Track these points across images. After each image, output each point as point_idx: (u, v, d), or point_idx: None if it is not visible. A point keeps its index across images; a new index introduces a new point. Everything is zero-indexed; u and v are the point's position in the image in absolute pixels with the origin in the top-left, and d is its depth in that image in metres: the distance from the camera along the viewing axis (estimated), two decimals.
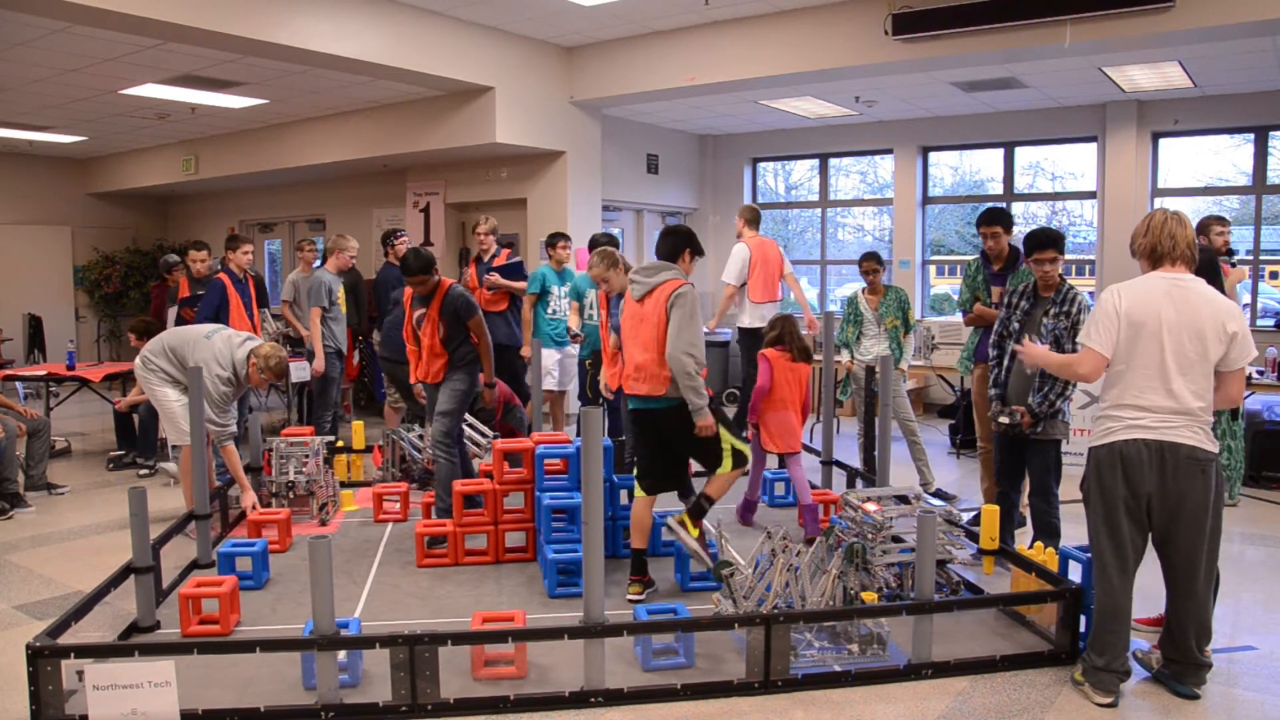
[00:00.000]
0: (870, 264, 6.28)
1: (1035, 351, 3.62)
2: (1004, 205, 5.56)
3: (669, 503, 4.64)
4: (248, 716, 3.15)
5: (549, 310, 6.97)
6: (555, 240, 7.02)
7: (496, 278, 7.15)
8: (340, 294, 7.25)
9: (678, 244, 4.27)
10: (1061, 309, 4.25)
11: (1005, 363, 4.44)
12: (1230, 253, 5.63)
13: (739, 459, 4.23)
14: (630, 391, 4.22)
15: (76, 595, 4.19)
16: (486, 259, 7.23)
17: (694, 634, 3.51)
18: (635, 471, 4.34)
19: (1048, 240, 4.26)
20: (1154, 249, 3.25)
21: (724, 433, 4.20)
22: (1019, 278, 5.03)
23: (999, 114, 9.61)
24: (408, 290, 5.22)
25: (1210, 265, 3.80)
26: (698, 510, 4.29)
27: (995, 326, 4.55)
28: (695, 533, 4.25)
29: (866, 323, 6.32)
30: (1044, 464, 4.37)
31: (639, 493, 4.28)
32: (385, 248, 7.52)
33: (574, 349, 6.88)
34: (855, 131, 10.50)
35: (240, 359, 5.19)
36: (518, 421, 6.57)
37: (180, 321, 6.76)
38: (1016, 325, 4.40)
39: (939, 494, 6.07)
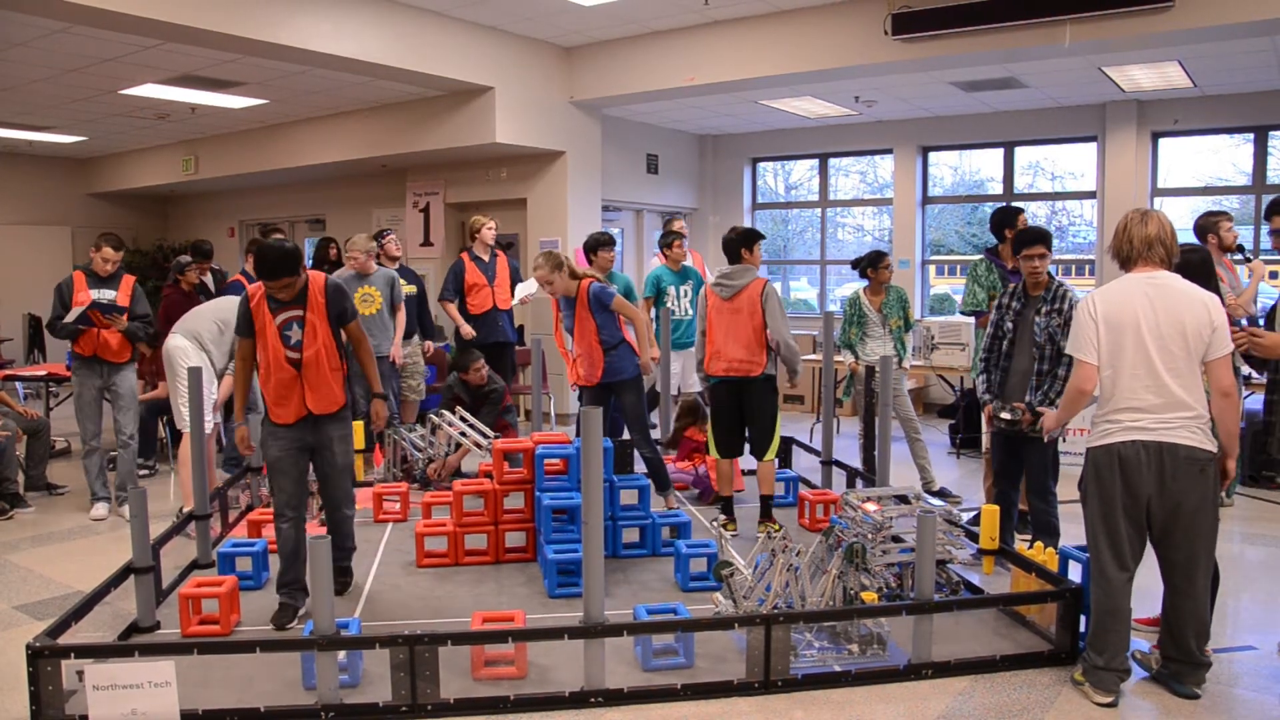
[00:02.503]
0: (887, 261, 6.29)
1: (1049, 418, 3.75)
2: (1013, 205, 5.61)
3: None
4: (248, 716, 3.15)
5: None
6: (670, 240, 6.91)
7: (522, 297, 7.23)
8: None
9: (735, 245, 5.23)
10: (1054, 306, 4.28)
11: (1001, 362, 4.46)
12: (1240, 249, 5.63)
13: (774, 451, 5.19)
14: (724, 374, 5.09)
15: (76, 595, 4.19)
16: (488, 259, 7.22)
17: (694, 634, 3.51)
18: (714, 443, 5.25)
19: (1037, 237, 4.34)
20: (1118, 253, 3.31)
21: (779, 421, 5.21)
22: None
23: (999, 114, 9.61)
24: (254, 289, 3.99)
25: (1204, 266, 3.75)
26: (766, 510, 5.23)
27: (988, 329, 4.57)
28: (775, 526, 5.07)
29: (871, 324, 6.30)
30: (1041, 462, 4.37)
31: (718, 455, 5.25)
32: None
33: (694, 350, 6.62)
34: (855, 131, 10.50)
35: None
36: (512, 420, 6.59)
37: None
38: (1010, 326, 4.42)
39: (942, 493, 6.07)
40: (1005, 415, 4.35)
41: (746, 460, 5.38)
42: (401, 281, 6.98)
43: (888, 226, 10.84)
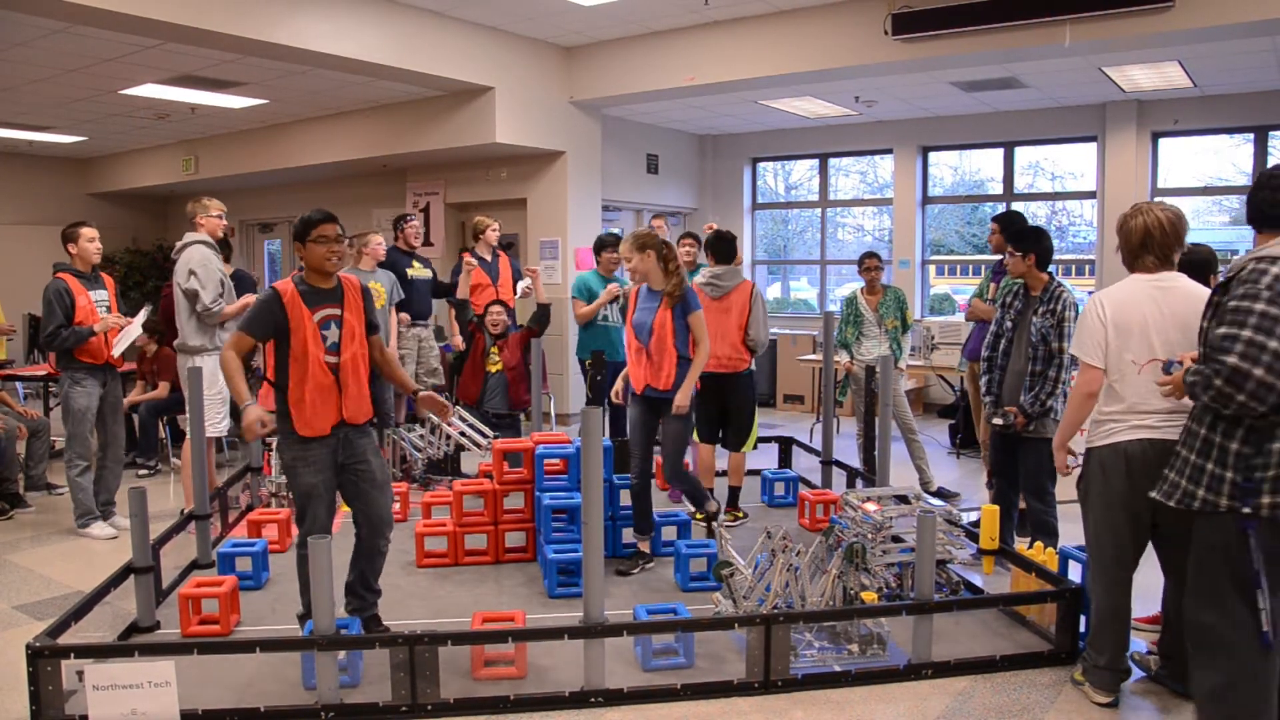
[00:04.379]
0: (872, 261, 6.28)
1: (1057, 445, 3.51)
2: (1012, 208, 5.64)
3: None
4: (248, 716, 3.15)
5: None
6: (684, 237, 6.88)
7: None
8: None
9: (728, 247, 5.42)
10: (1048, 307, 4.28)
11: (1000, 362, 4.45)
12: None
13: (752, 443, 5.45)
14: (713, 370, 5.17)
15: (76, 595, 4.19)
16: (490, 259, 7.18)
17: (694, 634, 3.51)
18: (698, 430, 5.40)
19: (1010, 236, 4.47)
20: (1163, 247, 3.24)
21: (756, 416, 5.46)
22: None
23: (999, 114, 9.61)
24: (285, 285, 3.52)
25: (1206, 266, 3.76)
26: (734, 499, 5.50)
27: (990, 327, 4.57)
28: (740, 514, 5.48)
29: (867, 324, 6.31)
30: (1037, 462, 4.36)
31: (701, 441, 5.47)
32: (395, 231, 7.35)
33: None
34: (855, 131, 10.50)
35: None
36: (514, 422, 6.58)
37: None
38: (1010, 325, 4.42)
39: (940, 493, 6.07)
40: (998, 420, 4.35)
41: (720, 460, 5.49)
42: (417, 264, 7.03)
43: (888, 226, 10.84)
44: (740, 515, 5.50)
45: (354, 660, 3.39)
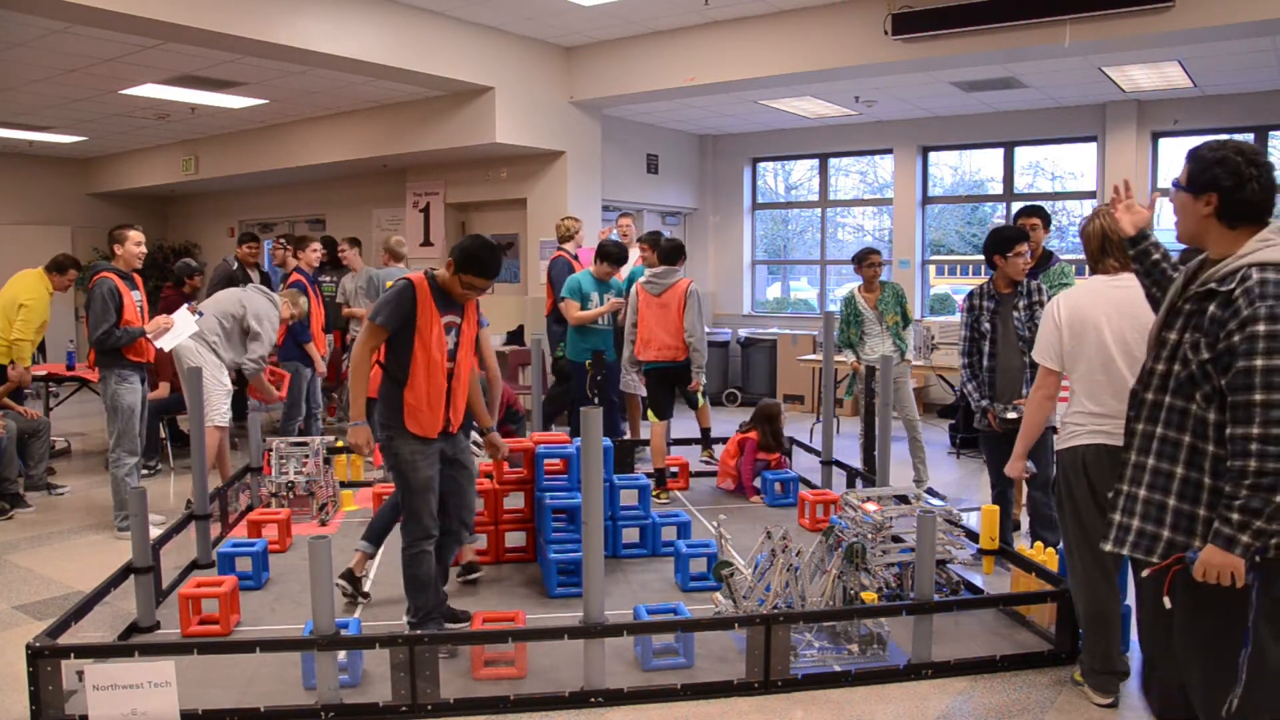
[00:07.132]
0: (874, 258, 6.27)
1: (1018, 453, 3.57)
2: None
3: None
4: (248, 716, 3.15)
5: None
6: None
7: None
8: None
9: (674, 254, 5.95)
10: (1032, 300, 4.31)
11: (987, 363, 4.44)
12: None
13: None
14: (656, 359, 5.92)
15: (76, 595, 4.19)
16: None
17: (694, 634, 3.51)
18: (652, 410, 6.06)
19: (1018, 235, 4.47)
20: (1087, 252, 3.27)
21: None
22: (1050, 278, 5.01)
23: (999, 114, 9.61)
24: (419, 279, 3.50)
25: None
26: (706, 440, 6.81)
27: (962, 331, 4.54)
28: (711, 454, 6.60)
29: (868, 322, 6.29)
30: (1044, 454, 4.33)
31: (655, 420, 6.00)
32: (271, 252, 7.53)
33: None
34: (855, 131, 10.50)
35: (277, 300, 6.03)
36: (518, 425, 6.56)
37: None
38: (988, 326, 4.40)
39: (930, 494, 6.05)
40: (1011, 415, 4.32)
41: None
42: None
43: (888, 226, 10.84)
44: (711, 455, 6.49)
45: (354, 660, 3.39)
